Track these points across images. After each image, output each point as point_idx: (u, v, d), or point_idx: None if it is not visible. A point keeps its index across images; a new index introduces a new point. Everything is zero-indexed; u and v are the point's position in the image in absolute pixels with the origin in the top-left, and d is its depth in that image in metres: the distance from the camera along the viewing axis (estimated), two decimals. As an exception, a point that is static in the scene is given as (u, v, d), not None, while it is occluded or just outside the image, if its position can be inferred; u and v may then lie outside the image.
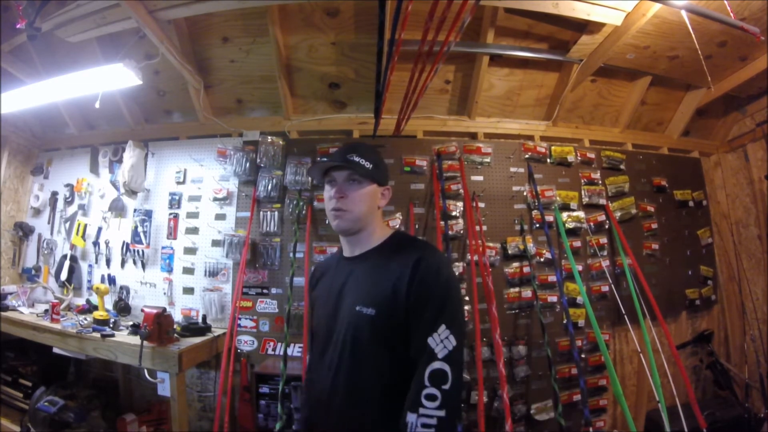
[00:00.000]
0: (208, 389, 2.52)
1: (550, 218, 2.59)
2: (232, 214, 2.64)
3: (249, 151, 2.64)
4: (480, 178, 2.64)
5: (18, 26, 1.96)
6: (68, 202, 3.03)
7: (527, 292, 2.51)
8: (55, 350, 2.38)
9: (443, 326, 0.91)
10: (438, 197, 2.47)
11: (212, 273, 2.59)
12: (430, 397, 0.86)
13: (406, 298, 0.95)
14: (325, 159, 1.06)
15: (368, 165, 1.07)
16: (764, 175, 2.86)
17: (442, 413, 0.85)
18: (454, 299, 0.96)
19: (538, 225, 2.59)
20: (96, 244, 2.87)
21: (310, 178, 2.58)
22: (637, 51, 2.45)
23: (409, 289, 0.95)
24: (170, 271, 2.67)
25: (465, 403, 2.34)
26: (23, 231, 3.06)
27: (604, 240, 2.72)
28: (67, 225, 3.00)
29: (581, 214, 2.68)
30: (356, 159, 1.06)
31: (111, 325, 2.35)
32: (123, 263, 2.79)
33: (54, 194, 3.09)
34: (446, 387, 0.87)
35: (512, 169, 2.67)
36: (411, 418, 0.86)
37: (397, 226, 2.50)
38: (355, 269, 1.09)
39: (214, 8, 2.15)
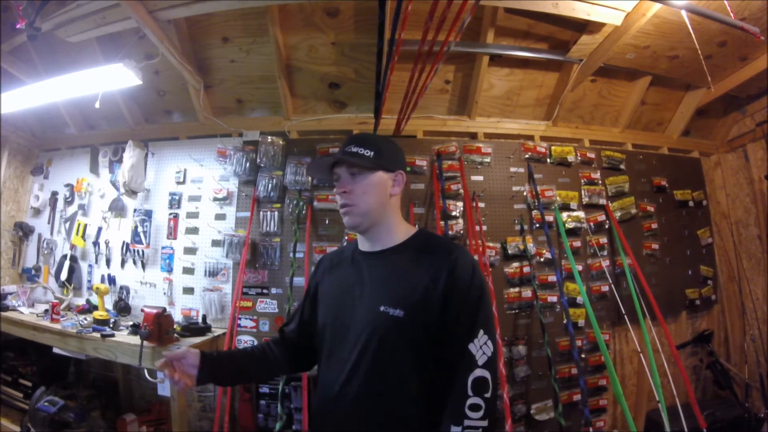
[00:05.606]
0: (208, 389, 2.52)
1: (550, 218, 2.59)
2: (232, 214, 2.64)
3: (249, 151, 2.64)
4: (480, 178, 2.64)
5: (18, 26, 1.96)
6: (68, 202, 3.03)
7: (527, 292, 2.51)
8: (55, 350, 2.38)
9: (481, 331, 0.90)
10: (438, 197, 2.47)
11: (212, 273, 2.59)
12: (474, 407, 0.86)
13: (442, 302, 0.91)
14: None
15: (368, 153, 1.01)
16: (764, 175, 2.86)
17: (485, 423, 0.86)
18: (487, 303, 0.95)
19: (538, 225, 2.59)
20: (96, 244, 2.86)
21: (310, 178, 2.58)
22: (637, 51, 2.45)
23: (446, 293, 0.91)
24: (170, 271, 2.67)
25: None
26: (23, 231, 3.06)
27: (604, 240, 2.72)
28: (67, 225, 2.99)
29: (581, 214, 2.68)
30: (354, 149, 1.01)
31: (111, 325, 2.35)
32: (123, 263, 2.78)
33: (54, 194, 3.08)
34: (488, 395, 0.87)
35: (512, 169, 2.67)
36: (455, 430, 0.85)
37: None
38: (376, 266, 1.03)
39: (214, 8, 2.15)
